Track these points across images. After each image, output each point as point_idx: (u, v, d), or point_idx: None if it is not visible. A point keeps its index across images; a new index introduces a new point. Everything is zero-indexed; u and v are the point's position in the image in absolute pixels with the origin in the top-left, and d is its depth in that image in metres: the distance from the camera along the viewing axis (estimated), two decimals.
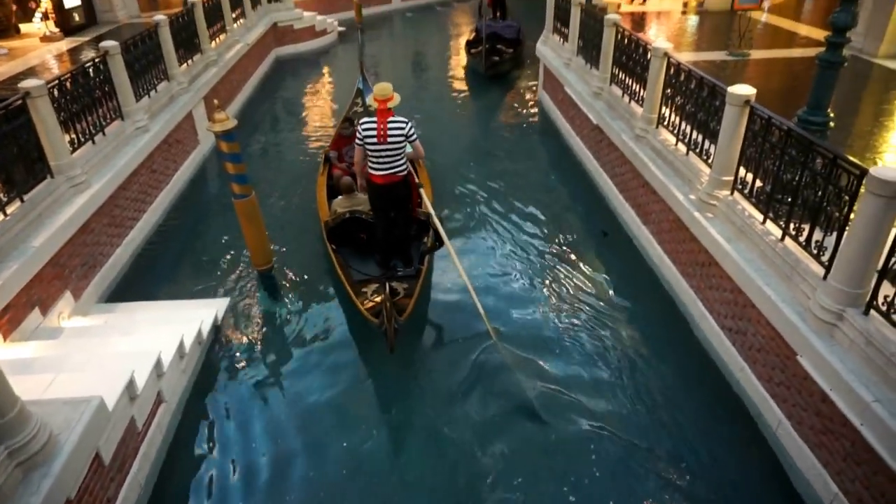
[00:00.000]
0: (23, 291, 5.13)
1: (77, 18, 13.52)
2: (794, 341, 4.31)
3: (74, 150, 6.49)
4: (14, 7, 13.06)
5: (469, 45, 15.97)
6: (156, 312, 6.24)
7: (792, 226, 4.63)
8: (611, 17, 8.19)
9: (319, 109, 13.31)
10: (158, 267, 7.33)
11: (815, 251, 4.34)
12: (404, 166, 5.99)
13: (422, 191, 6.49)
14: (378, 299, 5.55)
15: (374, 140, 5.74)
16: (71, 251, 6.00)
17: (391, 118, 5.72)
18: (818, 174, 4.30)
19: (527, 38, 15.32)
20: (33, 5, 13.03)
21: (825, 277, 4.14)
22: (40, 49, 12.09)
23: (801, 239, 4.50)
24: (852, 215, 3.94)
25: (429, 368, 5.73)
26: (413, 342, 6.02)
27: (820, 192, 4.29)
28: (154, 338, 5.20)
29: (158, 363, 4.71)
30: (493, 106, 13.13)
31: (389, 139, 5.71)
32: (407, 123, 5.79)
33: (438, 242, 6.17)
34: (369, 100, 5.91)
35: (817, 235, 4.36)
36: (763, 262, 4.87)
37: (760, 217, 5.03)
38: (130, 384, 4.23)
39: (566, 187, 9.25)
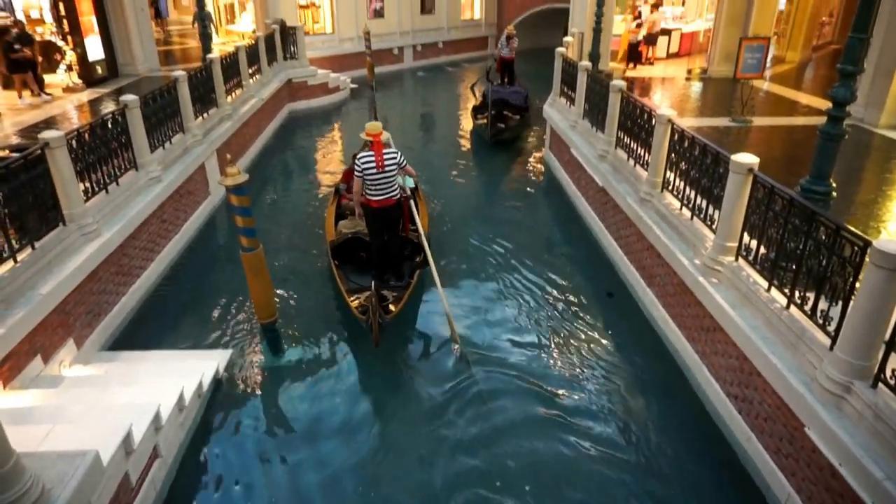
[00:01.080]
0: (26, 339, 5.14)
1: (100, 71, 13.97)
2: (802, 412, 4.24)
3: (88, 199, 6.60)
4: (40, 59, 13.51)
5: (476, 110, 15.71)
6: (157, 363, 6.20)
7: (797, 294, 4.62)
8: (616, 83, 8.42)
9: (329, 163, 13.56)
10: (163, 316, 7.34)
11: (820, 321, 4.32)
12: (397, 191, 6.88)
13: (416, 216, 7.35)
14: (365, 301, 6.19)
15: (374, 169, 6.60)
16: (77, 299, 6.03)
17: (385, 150, 6.65)
18: (822, 244, 4.32)
19: (535, 102, 15.51)
20: (59, 57, 13.50)
21: (831, 348, 4.11)
22: (62, 100, 12.46)
23: (807, 308, 4.49)
24: (857, 285, 3.94)
25: (412, 377, 6.29)
26: (399, 353, 6.64)
27: (824, 262, 4.30)
28: (154, 389, 5.17)
29: (157, 416, 4.66)
30: (499, 165, 13.35)
31: (387, 168, 6.63)
32: (398, 154, 6.76)
33: (421, 260, 7.07)
34: (363, 135, 6.84)
35: (822, 305, 4.34)
36: (768, 329, 4.84)
37: (765, 284, 5.03)
38: (127, 438, 4.18)
39: (571, 247, 9.31)
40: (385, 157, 6.60)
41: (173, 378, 5.45)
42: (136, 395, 5.08)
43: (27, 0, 14.70)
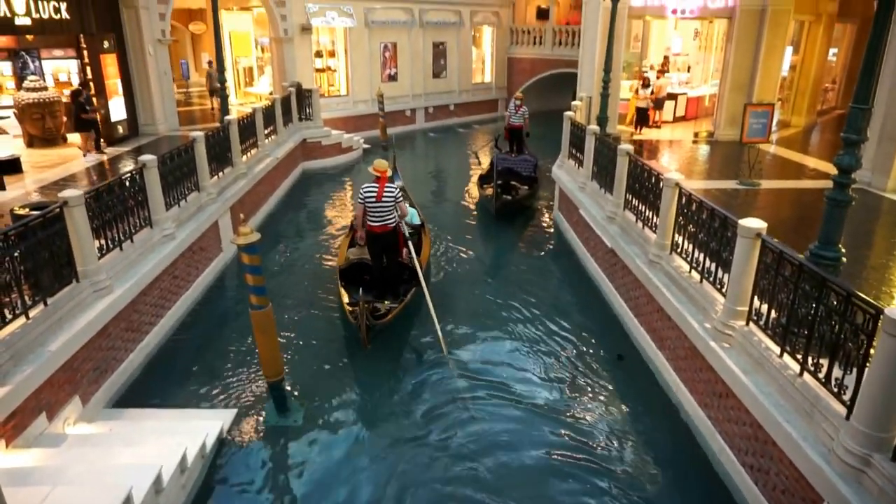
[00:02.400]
0: (32, 396, 5.12)
1: (121, 130, 14.42)
2: (820, 485, 4.10)
3: (102, 255, 6.68)
4: (64, 119, 14.00)
5: (482, 179, 14.76)
6: (161, 421, 6.15)
7: (810, 360, 4.55)
8: (624, 147, 8.57)
9: (340, 219, 13.70)
10: (169, 373, 7.31)
11: (835, 389, 4.24)
12: (394, 220, 7.92)
13: (411, 245, 8.35)
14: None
15: (374, 199, 7.72)
16: (85, 355, 6.03)
17: (387, 184, 7.74)
18: (833, 310, 4.29)
19: (545, 169, 15.02)
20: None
21: (848, 418, 4.01)
22: (83, 157, 12.81)
23: (821, 375, 4.41)
24: (872, 352, 3.88)
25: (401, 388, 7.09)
26: (392, 360, 7.59)
27: (836, 329, 4.25)
28: (157, 450, 5.10)
29: (158, 478, 4.57)
30: (509, 225, 13.41)
31: (384, 199, 7.73)
32: (396, 189, 7.88)
33: (416, 281, 8.09)
34: (370, 169, 7.91)
35: (837, 372, 4.27)
36: (782, 397, 4.75)
37: (777, 350, 4.96)
38: (127, 502, 4.09)
39: (581, 308, 9.25)
40: (385, 190, 7.72)
41: (176, 438, 5.38)
42: (139, 455, 5.01)
43: (56, 64, 15.38)
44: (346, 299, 7.92)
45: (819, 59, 17.85)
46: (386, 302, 7.93)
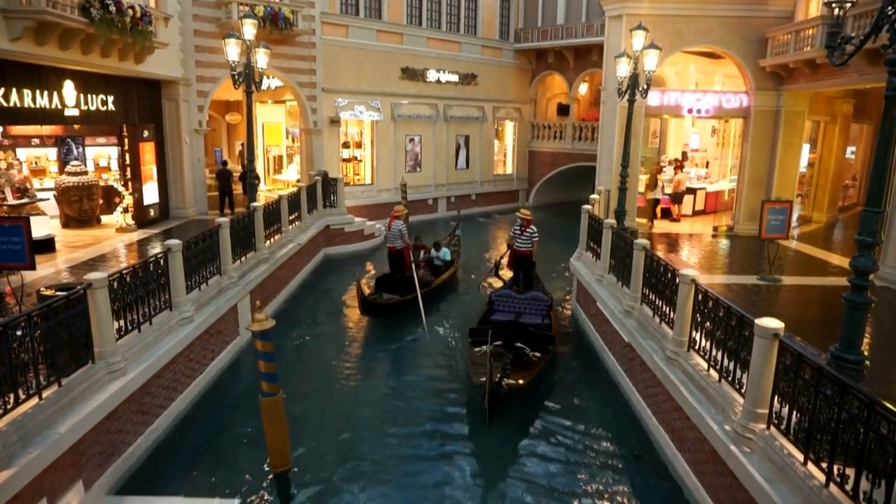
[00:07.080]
0: (35, 480, 5.07)
1: (152, 213, 14.96)
2: None
3: (120, 337, 6.76)
4: (101, 201, 14.62)
5: (473, 335, 9.46)
6: None
7: (836, 470, 4.33)
8: (640, 241, 8.63)
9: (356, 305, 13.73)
10: (176, 458, 7.19)
11: None
12: (400, 244, 12.44)
13: (413, 265, 12.60)
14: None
15: (388, 229, 12.49)
16: (93, 438, 6.00)
17: (395, 220, 12.42)
18: (856, 418, 4.13)
19: (560, 305, 12.46)
20: (118, 200, 14.58)
21: None
22: (114, 238, 13.26)
23: (848, 487, 4.19)
24: None
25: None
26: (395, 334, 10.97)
27: (861, 437, 4.08)
28: None
29: None
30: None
31: (392, 229, 12.44)
32: (403, 225, 12.44)
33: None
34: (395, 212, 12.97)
35: (865, 485, 4.05)
36: None
37: (801, 457, 4.75)
38: None
39: (598, 402, 9.00)
40: (394, 223, 12.46)
41: None
42: None
43: (98, 150, 16.25)
44: (368, 290, 12.02)
45: (837, 156, 18.05)
46: (387, 296, 12.14)
